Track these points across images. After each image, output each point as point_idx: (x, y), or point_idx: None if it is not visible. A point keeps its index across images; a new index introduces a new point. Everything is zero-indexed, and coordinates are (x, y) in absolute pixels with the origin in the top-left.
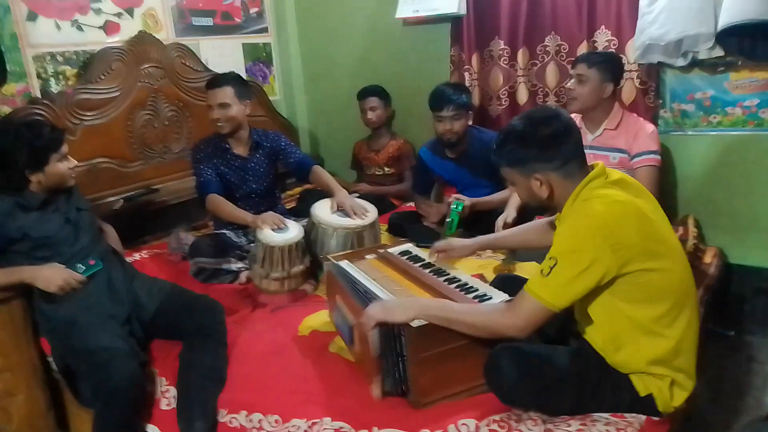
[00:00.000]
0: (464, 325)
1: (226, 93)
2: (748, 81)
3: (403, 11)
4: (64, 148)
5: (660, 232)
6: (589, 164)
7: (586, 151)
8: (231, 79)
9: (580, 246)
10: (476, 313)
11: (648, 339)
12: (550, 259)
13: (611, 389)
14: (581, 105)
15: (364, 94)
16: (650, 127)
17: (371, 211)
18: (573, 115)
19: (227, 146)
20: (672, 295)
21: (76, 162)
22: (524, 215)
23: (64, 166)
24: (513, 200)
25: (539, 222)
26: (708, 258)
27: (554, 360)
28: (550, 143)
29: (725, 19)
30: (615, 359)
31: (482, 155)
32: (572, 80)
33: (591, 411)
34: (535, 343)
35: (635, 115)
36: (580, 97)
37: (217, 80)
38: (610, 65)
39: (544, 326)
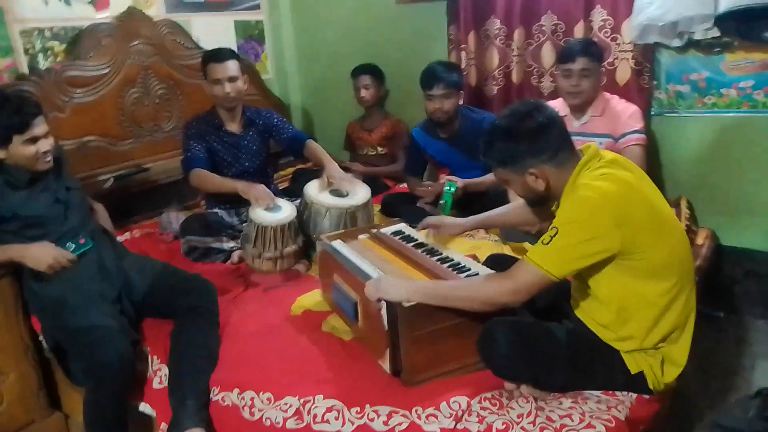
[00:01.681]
0: (459, 299)
1: (234, 66)
2: (744, 62)
3: None
4: (36, 131)
5: (662, 209)
6: (578, 149)
7: (572, 138)
8: (232, 53)
9: (584, 218)
10: (470, 284)
11: (654, 312)
12: (551, 229)
13: (603, 366)
14: (586, 98)
15: (357, 71)
16: (632, 106)
17: (362, 192)
18: (558, 102)
19: (220, 123)
20: (676, 271)
21: (48, 147)
22: None
23: (30, 149)
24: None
25: None
26: (700, 239)
27: (548, 334)
28: (537, 135)
29: (729, 2)
30: (619, 334)
31: (474, 136)
32: (573, 77)
33: (583, 387)
34: (529, 319)
35: (617, 97)
36: (586, 91)
37: (222, 54)
38: (600, 53)
39: (536, 298)
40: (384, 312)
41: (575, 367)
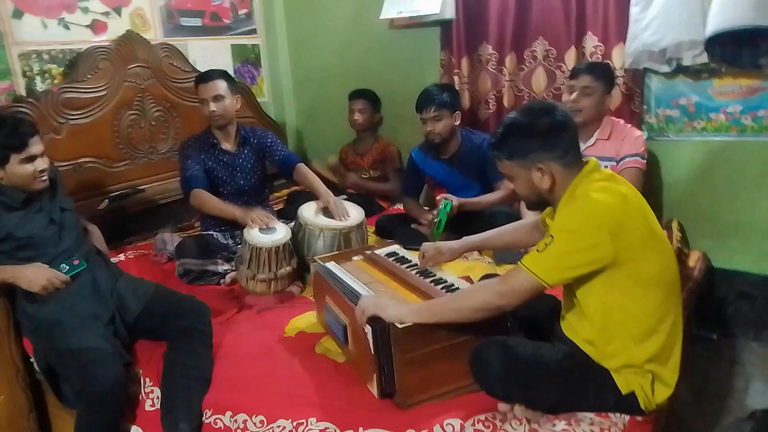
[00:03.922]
0: (452, 310)
1: (221, 86)
2: (731, 88)
3: (388, 12)
4: (33, 150)
5: (655, 227)
6: None
7: None
8: (221, 73)
9: (579, 227)
10: (462, 294)
11: (639, 331)
12: (547, 237)
13: (595, 385)
14: (585, 117)
15: (353, 95)
16: (637, 132)
17: (356, 214)
18: None
19: (215, 142)
20: (663, 289)
21: (45, 165)
22: None
23: (27, 168)
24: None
25: (525, 222)
26: (692, 262)
27: (540, 355)
28: (552, 132)
29: (713, 26)
30: (605, 351)
31: (473, 157)
32: (574, 93)
33: (574, 407)
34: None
35: (623, 121)
36: (586, 109)
37: (209, 74)
38: (610, 77)
39: (526, 307)
40: (370, 336)
41: (567, 387)
